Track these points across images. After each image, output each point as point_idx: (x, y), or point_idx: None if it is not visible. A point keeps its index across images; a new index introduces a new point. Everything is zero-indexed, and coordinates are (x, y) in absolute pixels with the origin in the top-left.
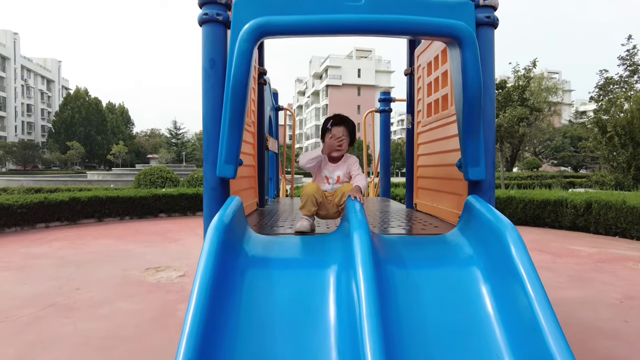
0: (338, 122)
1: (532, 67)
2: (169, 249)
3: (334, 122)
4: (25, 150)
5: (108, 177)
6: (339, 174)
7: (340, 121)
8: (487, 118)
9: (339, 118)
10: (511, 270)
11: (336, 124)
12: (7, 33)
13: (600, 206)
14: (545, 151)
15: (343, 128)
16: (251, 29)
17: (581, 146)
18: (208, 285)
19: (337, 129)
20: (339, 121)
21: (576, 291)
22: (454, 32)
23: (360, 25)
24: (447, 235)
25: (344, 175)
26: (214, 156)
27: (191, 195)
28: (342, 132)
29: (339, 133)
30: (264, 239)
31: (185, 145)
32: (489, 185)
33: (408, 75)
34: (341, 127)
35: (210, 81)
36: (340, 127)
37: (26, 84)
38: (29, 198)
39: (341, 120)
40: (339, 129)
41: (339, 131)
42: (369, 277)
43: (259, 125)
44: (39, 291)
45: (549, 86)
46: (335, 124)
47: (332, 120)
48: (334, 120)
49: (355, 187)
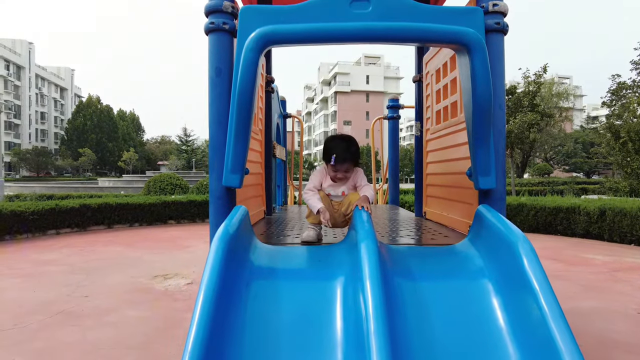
0: (342, 160)
1: (543, 73)
2: (177, 256)
3: (337, 160)
4: (38, 157)
5: (119, 184)
6: (343, 189)
7: (343, 157)
8: (498, 126)
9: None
10: (524, 283)
11: (340, 162)
12: (22, 43)
13: (615, 213)
14: (556, 157)
15: (347, 164)
16: (257, 38)
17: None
18: (212, 297)
19: (341, 165)
20: (343, 158)
21: (591, 301)
22: (463, 39)
23: (367, 33)
24: (457, 246)
25: (348, 189)
26: (220, 165)
27: (200, 202)
28: (346, 167)
29: (343, 168)
30: (270, 249)
31: (195, 152)
32: (500, 194)
33: (416, 82)
34: (345, 164)
35: (217, 90)
36: (344, 164)
37: (40, 92)
38: (41, 205)
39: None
40: (342, 166)
41: (342, 167)
42: (376, 291)
43: (267, 133)
44: (48, 298)
45: (560, 91)
46: (339, 162)
47: (335, 157)
48: (337, 158)
49: (363, 197)
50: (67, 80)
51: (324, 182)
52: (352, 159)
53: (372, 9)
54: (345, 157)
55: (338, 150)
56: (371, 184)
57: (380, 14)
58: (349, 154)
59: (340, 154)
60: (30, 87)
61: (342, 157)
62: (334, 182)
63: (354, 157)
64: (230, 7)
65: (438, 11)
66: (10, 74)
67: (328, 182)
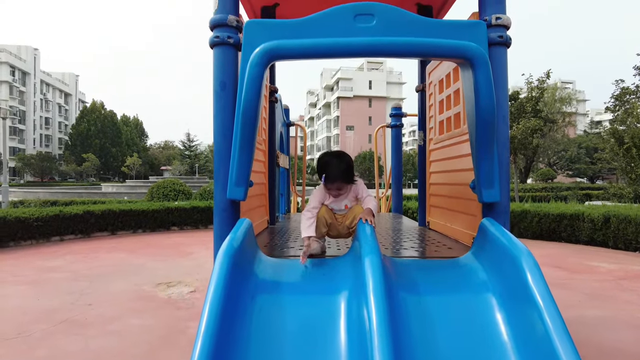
0: (333, 179)
1: (546, 79)
2: (180, 263)
3: (327, 180)
4: (42, 162)
5: (122, 189)
6: (345, 203)
7: (335, 176)
8: (501, 138)
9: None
10: (527, 297)
11: (331, 181)
12: (27, 49)
13: (619, 220)
14: (560, 162)
15: (338, 183)
16: (262, 53)
17: (597, 157)
18: (218, 311)
19: (332, 184)
20: (334, 177)
21: (595, 310)
22: (466, 53)
23: (371, 48)
24: (461, 259)
25: (350, 202)
26: (225, 177)
27: (203, 208)
28: (338, 185)
29: (335, 187)
30: (274, 262)
31: (199, 157)
32: (504, 207)
33: (419, 91)
34: (336, 182)
35: (221, 103)
36: (335, 183)
37: (45, 98)
38: (45, 211)
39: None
40: (334, 184)
41: (334, 186)
42: (380, 305)
43: (270, 142)
44: (51, 306)
45: (563, 96)
46: (330, 181)
47: (325, 176)
48: (328, 178)
49: (367, 210)
50: (71, 85)
51: (327, 198)
52: (342, 177)
53: (376, 23)
54: (336, 175)
55: (328, 169)
56: (373, 194)
57: (384, 28)
58: (339, 173)
59: (331, 172)
60: (35, 93)
61: (333, 175)
62: (334, 199)
63: (344, 176)
64: (235, 21)
65: (441, 25)
66: (15, 79)
67: (330, 199)
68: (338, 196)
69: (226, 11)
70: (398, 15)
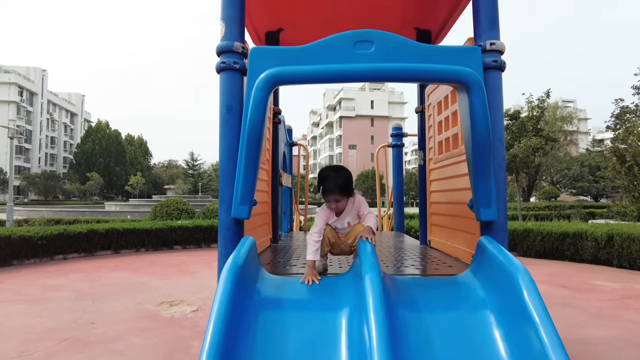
0: (329, 190)
1: (546, 98)
2: (183, 282)
3: (325, 190)
4: (47, 181)
5: (125, 208)
6: (348, 220)
7: (331, 188)
8: (497, 160)
9: (330, 183)
10: (524, 314)
11: (328, 192)
12: (36, 70)
13: (623, 239)
14: (563, 180)
15: (335, 194)
16: (266, 78)
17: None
18: (221, 328)
19: (329, 196)
20: (330, 188)
21: (600, 330)
22: (462, 78)
23: (370, 74)
24: (459, 277)
25: (353, 219)
26: (229, 197)
27: (206, 227)
28: (335, 197)
29: (332, 198)
30: (276, 279)
31: (202, 176)
32: (501, 226)
33: (419, 112)
34: (332, 194)
35: (227, 126)
36: (332, 195)
37: (51, 118)
38: (49, 230)
39: (332, 186)
40: (331, 196)
41: (331, 197)
42: (380, 323)
43: (274, 162)
44: (54, 325)
45: (564, 115)
46: (327, 192)
47: (322, 187)
48: (325, 188)
49: (367, 228)
50: (77, 105)
51: (330, 218)
52: (339, 189)
53: (375, 49)
54: (333, 187)
55: (326, 182)
56: (374, 212)
57: (383, 55)
58: (336, 185)
59: (328, 185)
60: (42, 113)
61: (330, 188)
62: (337, 217)
63: (341, 188)
64: (240, 48)
65: (438, 51)
66: (23, 100)
67: (333, 218)
68: (338, 211)
69: (232, 38)
70: (396, 41)
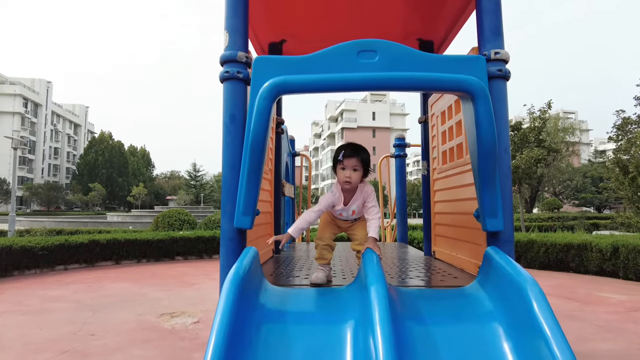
0: (349, 154)
1: (547, 109)
2: (184, 294)
3: (345, 154)
4: (50, 191)
5: (127, 219)
6: (353, 209)
7: (352, 152)
8: (503, 169)
9: (351, 149)
10: (534, 327)
11: (348, 156)
12: (41, 82)
13: (628, 250)
14: (565, 191)
15: (355, 159)
16: (270, 88)
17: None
18: (223, 340)
19: (349, 160)
20: (351, 153)
21: (608, 343)
22: (466, 87)
23: (374, 83)
24: (466, 288)
25: (358, 209)
26: (232, 207)
27: (208, 237)
28: (354, 163)
29: (351, 164)
30: (279, 290)
31: (204, 187)
32: (508, 236)
33: (422, 122)
34: (353, 158)
35: (231, 135)
36: (352, 159)
37: (55, 129)
38: (50, 240)
39: (353, 152)
40: (350, 160)
41: (350, 162)
42: (387, 335)
43: (276, 172)
44: (54, 336)
45: (566, 126)
46: (347, 156)
47: (343, 152)
48: (346, 152)
49: (371, 239)
50: (81, 116)
51: (337, 204)
52: (360, 157)
53: (378, 59)
54: (354, 153)
55: (347, 149)
56: (379, 210)
57: (387, 64)
58: (356, 152)
59: (348, 150)
60: (45, 124)
61: (350, 153)
62: (344, 206)
63: (361, 155)
64: (244, 57)
65: (442, 60)
66: (27, 111)
67: (340, 206)
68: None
69: (236, 48)
70: (400, 51)
